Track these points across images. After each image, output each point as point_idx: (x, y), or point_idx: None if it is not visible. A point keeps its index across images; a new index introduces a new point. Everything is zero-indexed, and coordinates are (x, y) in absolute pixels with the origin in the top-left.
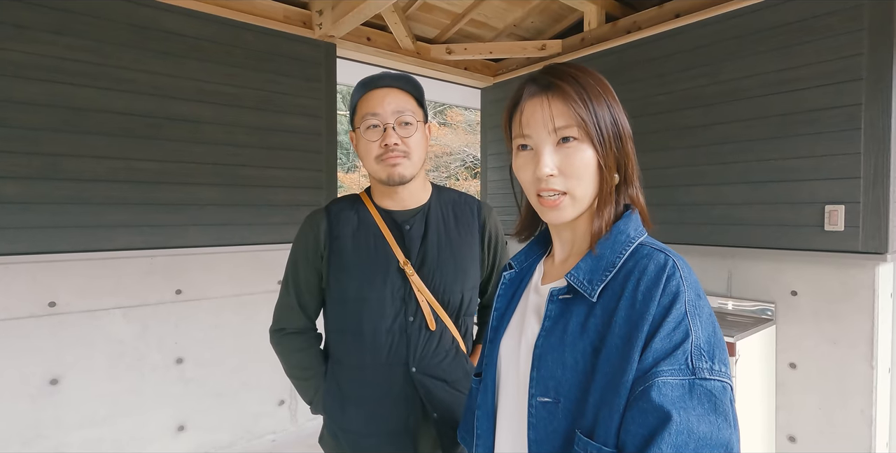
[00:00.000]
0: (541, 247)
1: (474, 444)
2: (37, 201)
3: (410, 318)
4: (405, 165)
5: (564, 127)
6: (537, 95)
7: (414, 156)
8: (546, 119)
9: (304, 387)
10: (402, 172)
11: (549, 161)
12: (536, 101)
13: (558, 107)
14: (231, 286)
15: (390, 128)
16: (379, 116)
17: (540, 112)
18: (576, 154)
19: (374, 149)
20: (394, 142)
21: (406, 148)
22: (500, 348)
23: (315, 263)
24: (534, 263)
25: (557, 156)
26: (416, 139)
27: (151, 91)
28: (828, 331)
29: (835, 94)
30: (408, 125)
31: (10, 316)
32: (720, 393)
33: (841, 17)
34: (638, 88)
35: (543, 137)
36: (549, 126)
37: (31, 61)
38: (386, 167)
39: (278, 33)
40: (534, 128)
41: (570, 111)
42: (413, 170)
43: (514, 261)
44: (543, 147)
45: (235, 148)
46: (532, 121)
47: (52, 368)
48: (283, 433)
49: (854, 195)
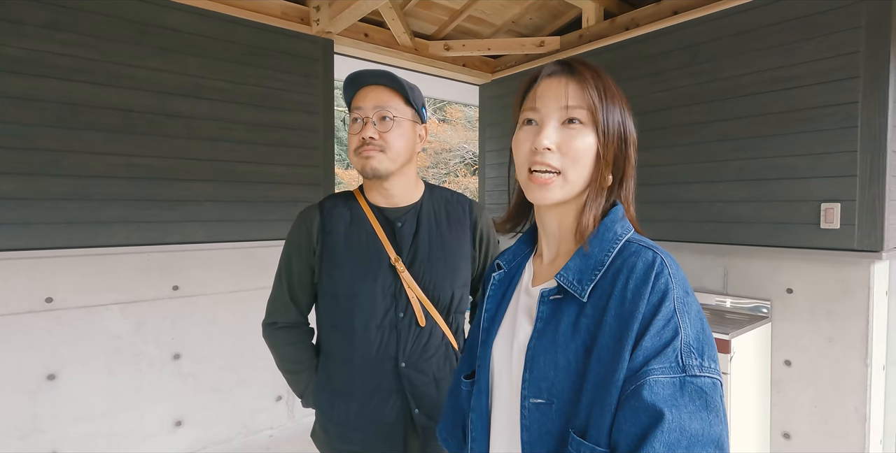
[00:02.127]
0: (527, 245)
1: (468, 448)
2: (34, 197)
3: (401, 314)
4: (379, 159)
5: (575, 107)
6: (557, 75)
7: (391, 152)
8: (560, 95)
9: (295, 381)
10: (374, 165)
11: (552, 135)
12: (555, 79)
13: (574, 88)
14: (227, 282)
15: (370, 122)
16: (361, 110)
17: (555, 88)
18: (578, 136)
19: (353, 141)
20: (370, 135)
21: (382, 142)
22: (493, 350)
23: (308, 258)
24: (522, 262)
25: (560, 134)
26: (396, 135)
27: (149, 87)
28: (823, 329)
29: (832, 91)
30: (386, 120)
31: (8, 311)
32: (710, 389)
33: (838, 15)
34: (636, 85)
35: (551, 112)
36: (561, 103)
37: (27, 56)
38: (360, 159)
39: (276, 29)
40: (544, 103)
41: (585, 94)
42: (389, 166)
43: (502, 260)
44: (548, 121)
45: (232, 144)
46: (545, 96)
47: (50, 363)
48: (281, 428)
49: (850, 193)
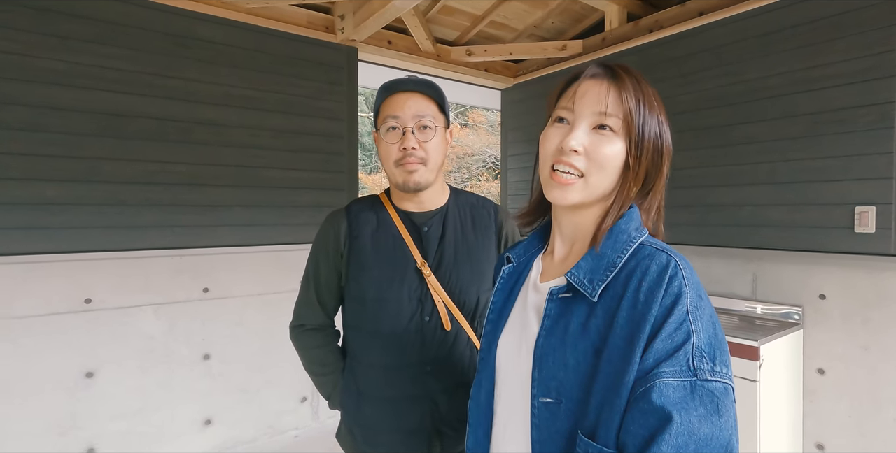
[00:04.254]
0: (540, 241)
1: (466, 433)
2: (76, 202)
3: (426, 318)
4: (421, 172)
5: (611, 115)
6: (598, 78)
7: (431, 163)
8: (599, 99)
9: (321, 383)
10: (417, 179)
11: (581, 136)
12: (596, 82)
13: (614, 94)
14: (255, 285)
15: (409, 131)
16: (399, 119)
17: (595, 92)
18: (608, 143)
19: (392, 151)
20: (412, 145)
21: (424, 153)
22: (499, 344)
23: (335, 262)
24: (532, 258)
25: (590, 138)
26: (435, 144)
27: (182, 96)
28: (858, 337)
29: (865, 91)
30: (427, 129)
31: (50, 311)
32: (722, 394)
33: (871, 13)
34: (660, 88)
35: (586, 115)
36: (598, 107)
37: (73, 70)
38: (403, 173)
39: (302, 38)
40: (582, 104)
41: (623, 103)
42: (429, 177)
43: (512, 254)
44: (580, 123)
45: (260, 150)
46: (583, 98)
47: (88, 362)
48: (306, 429)
49: (886, 196)
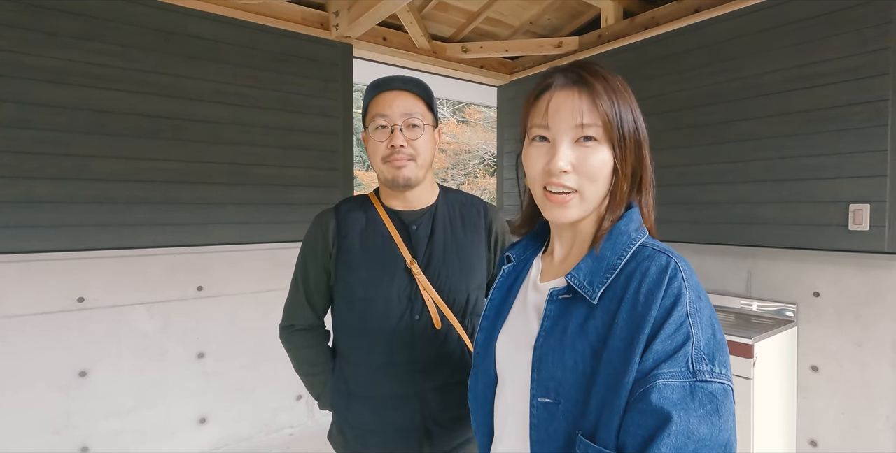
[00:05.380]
0: (538, 240)
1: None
2: (67, 200)
3: (416, 317)
4: (410, 168)
5: (590, 125)
6: (567, 88)
7: (420, 159)
8: (574, 113)
9: (311, 383)
10: (406, 175)
11: (567, 156)
12: (566, 94)
13: (587, 103)
14: (250, 283)
15: (398, 129)
16: (387, 117)
17: (568, 105)
18: (594, 154)
19: (381, 149)
20: (400, 143)
21: (412, 150)
22: (498, 342)
23: (324, 262)
24: (531, 257)
25: (575, 153)
26: (423, 141)
27: (173, 93)
28: (852, 334)
29: (859, 89)
30: (415, 127)
31: (43, 310)
32: (721, 395)
33: (866, 11)
34: (656, 85)
35: (564, 131)
36: (576, 121)
37: (62, 66)
38: (391, 169)
39: (296, 35)
40: (557, 121)
41: (599, 109)
42: (418, 173)
43: (512, 253)
44: (562, 141)
45: (254, 148)
46: (557, 114)
47: (81, 361)
48: (301, 427)
49: (880, 194)
